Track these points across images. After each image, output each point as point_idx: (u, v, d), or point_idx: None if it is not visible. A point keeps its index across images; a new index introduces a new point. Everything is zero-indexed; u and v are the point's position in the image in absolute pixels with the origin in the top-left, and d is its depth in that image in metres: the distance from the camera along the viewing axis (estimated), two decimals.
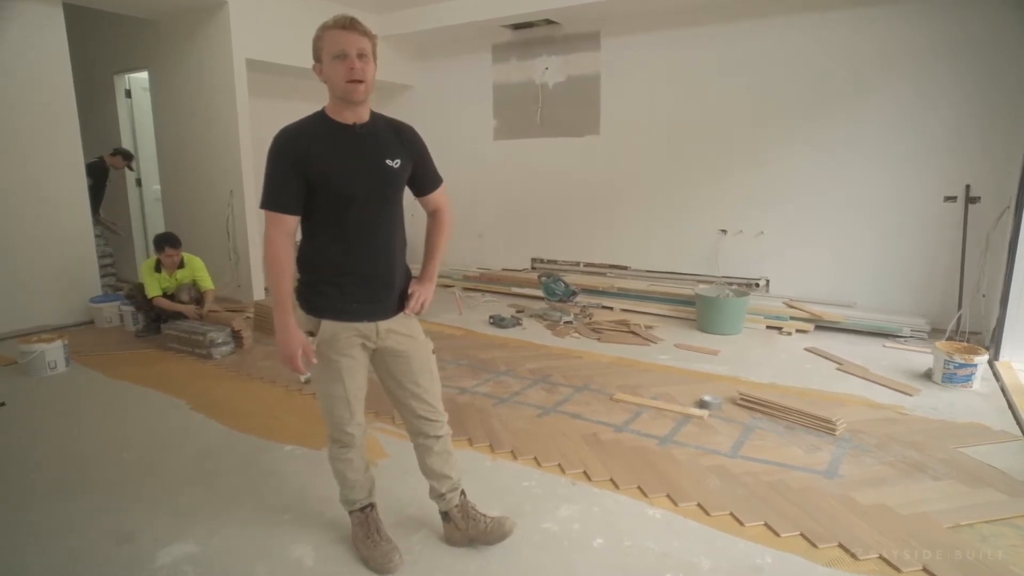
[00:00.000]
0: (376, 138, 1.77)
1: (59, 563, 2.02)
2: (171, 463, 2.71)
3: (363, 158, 1.73)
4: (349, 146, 1.72)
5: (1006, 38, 4.26)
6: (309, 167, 1.67)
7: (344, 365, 1.81)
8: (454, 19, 6.05)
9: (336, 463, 1.97)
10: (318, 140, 1.69)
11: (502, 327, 4.99)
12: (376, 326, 1.82)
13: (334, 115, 1.72)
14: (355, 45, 1.63)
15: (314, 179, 1.68)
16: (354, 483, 1.99)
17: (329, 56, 1.65)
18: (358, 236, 1.76)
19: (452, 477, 2.03)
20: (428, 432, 1.98)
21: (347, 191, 1.70)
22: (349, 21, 1.64)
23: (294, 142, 1.68)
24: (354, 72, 1.63)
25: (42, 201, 4.79)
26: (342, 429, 1.90)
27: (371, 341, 1.84)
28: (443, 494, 2.03)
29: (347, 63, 1.63)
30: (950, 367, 3.54)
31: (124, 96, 6.52)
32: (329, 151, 1.69)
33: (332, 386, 1.85)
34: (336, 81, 1.65)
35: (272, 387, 3.63)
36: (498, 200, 6.74)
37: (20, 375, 3.81)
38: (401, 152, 1.80)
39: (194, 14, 5.45)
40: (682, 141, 5.63)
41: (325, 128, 1.71)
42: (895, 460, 2.66)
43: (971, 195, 4.50)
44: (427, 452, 2.00)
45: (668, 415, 3.16)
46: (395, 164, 1.77)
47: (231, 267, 5.77)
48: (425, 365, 1.94)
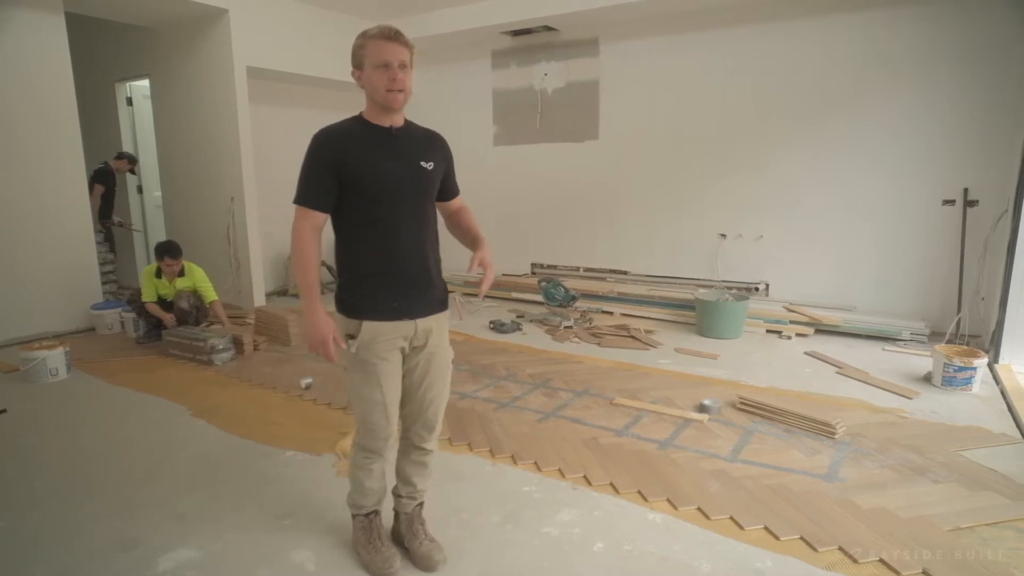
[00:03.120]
0: (411, 141, 1.84)
1: (61, 569, 2.02)
2: (172, 469, 2.71)
3: (399, 160, 1.78)
4: (386, 148, 1.78)
5: (1006, 43, 4.28)
6: (345, 167, 1.72)
7: (382, 369, 1.80)
8: (454, 26, 6.09)
9: (357, 471, 1.95)
10: (356, 141, 1.75)
11: (502, 332, 5.00)
12: (415, 325, 1.83)
13: (372, 119, 1.79)
14: (398, 56, 1.70)
15: (350, 179, 1.73)
16: (369, 491, 1.98)
17: (372, 65, 1.71)
18: (395, 235, 1.79)
19: (417, 487, 2.05)
20: (416, 443, 2.00)
21: (383, 191, 1.75)
22: (393, 32, 1.71)
23: (332, 142, 1.74)
24: (396, 82, 1.70)
25: (44, 208, 4.81)
26: (376, 436, 1.87)
27: (409, 341, 1.84)
28: (400, 496, 2.07)
29: (389, 73, 1.70)
30: (950, 370, 3.55)
31: (125, 104, 6.56)
32: (366, 152, 1.74)
33: (370, 391, 1.82)
34: (377, 88, 1.72)
35: (273, 393, 3.64)
36: (498, 205, 6.76)
37: (22, 382, 3.82)
38: (435, 156, 1.87)
39: (195, 22, 5.49)
40: (681, 146, 5.65)
41: (363, 130, 1.78)
42: (895, 463, 2.66)
43: (970, 199, 4.51)
44: (406, 457, 2.03)
45: (668, 419, 3.16)
46: (429, 166, 1.83)
47: (232, 274, 5.78)
48: (442, 371, 1.95)
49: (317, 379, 3.76)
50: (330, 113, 6.75)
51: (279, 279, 6.78)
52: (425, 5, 6.16)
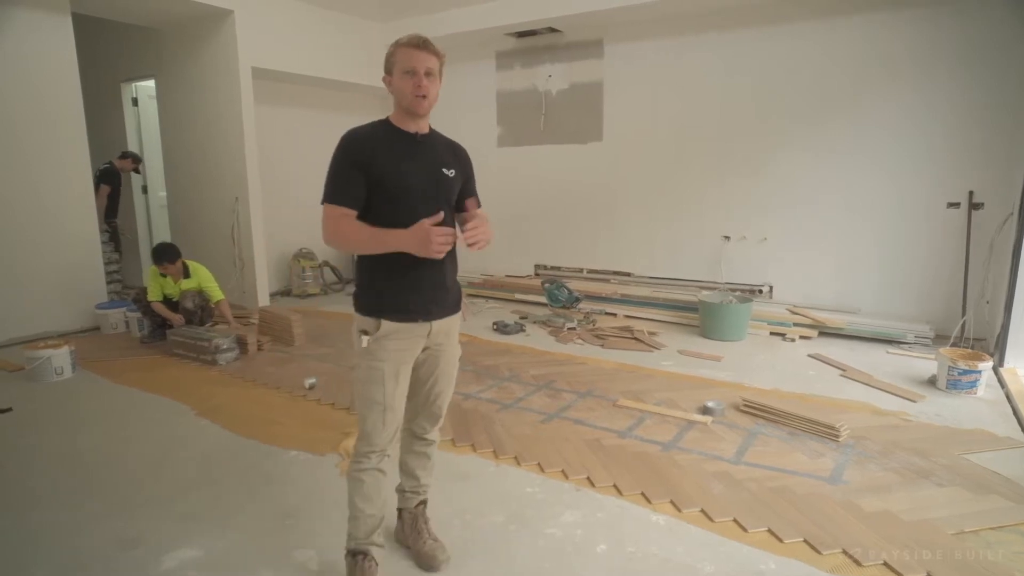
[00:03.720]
0: (434, 148, 1.88)
1: (65, 567, 2.03)
2: (176, 468, 2.72)
3: (422, 164, 1.82)
4: (410, 152, 1.82)
5: (1009, 44, 4.27)
6: (370, 168, 1.75)
7: (388, 370, 1.81)
8: (458, 27, 6.10)
9: (351, 482, 1.88)
10: (381, 144, 1.79)
11: (506, 333, 5.00)
12: (431, 326, 1.86)
13: (398, 123, 1.83)
14: (424, 64, 1.74)
15: (374, 180, 1.76)
16: (357, 512, 1.86)
17: (400, 71, 1.76)
18: None
19: (420, 481, 2.07)
20: (419, 434, 2.04)
21: (405, 193, 1.78)
22: (422, 41, 1.75)
23: (359, 143, 1.78)
24: (420, 88, 1.74)
25: (49, 208, 4.83)
26: (370, 440, 1.84)
27: (423, 341, 1.86)
28: (404, 491, 2.09)
29: (415, 80, 1.74)
30: (954, 373, 3.53)
31: (131, 104, 6.59)
32: (391, 155, 1.78)
33: (372, 389, 1.81)
34: (404, 93, 1.76)
35: (276, 393, 3.64)
36: (502, 207, 6.74)
37: (27, 381, 3.84)
38: (456, 165, 1.91)
39: (200, 23, 5.51)
40: (685, 147, 5.65)
41: (389, 134, 1.82)
42: (899, 466, 2.65)
43: (975, 201, 4.50)
44: (409, 449, 2.06)
45: (671, 421, 3.16)
46: (451, 173, 1.87)
47: (236, 273, 5.80)
48: (449, 369, 1.98)
49: (320, 379, 3.77)
50: (334, 114, 6.81)
51: (283, 279, 6.80)
52: (429, 6, 6.17)
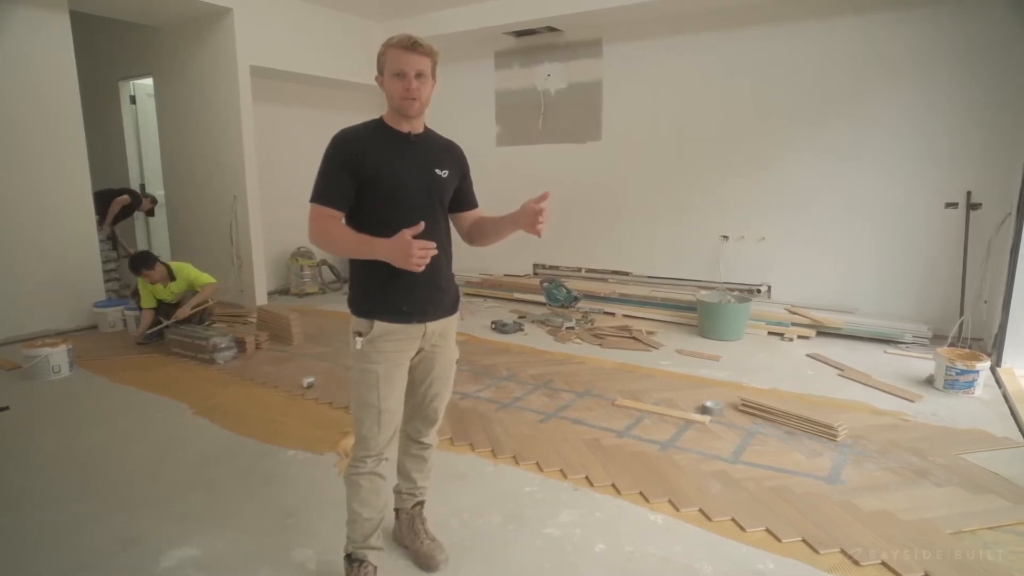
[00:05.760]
0: (428, 148, 1.86)
1: (64, 566, 2.03)
2: (174, 467, 2.72)
3: (414, 164, 1.80)
4: (402, 152, 1.80)
5: (1009, 44, 4.27)
6: (362, 168, 1.74)
7: (382, 372, 1.79)
8: (457, 26, 6.09)
9: (348, 486, 1.85)
10: (373, 144, 1.77)
11: (504, 332, 5.00)
12: (425, 328, 1.84)
13: (391, 123, 1.81)
14: (414, 66, 1.72)
15: (366, 180, 1.74)
16: (354, 515, 1.84)
17: (390, 73, 1.74)
18: None
19: (417, 484, 2.07)
20: (415, 438, 2.03)
21: (397, 193, 1.77)
22: (412, 42, 1.72)
23: (350, 144, 1.76)
24: (410, 92, 1.73)
25: (47, 206, 4.82)
26: (365, 445, 1.82)
27: (417, 343, 1.84)
28: (401, 492, 2.09)
29: (405, 82, 1.72)
30: (952, 373, 3.54)
31: (129, 102, 6.57)
32: (383, 155, 1.76)
33: (366, 392, 1.79)
34: (394, 95, 1.75)
35: (274, 392, 3.64)
36: (500, 206, 6.61)
37: (24, 379, 3.83)
38: (450, 165, 1.89)
39: (199, 21, 5.50)
40: (683, 147, 5.65)
41: (381, 133, 1.80)
42: (897, 466, 2.66)
43: (972, 201, 4.51)
44: (406, 452, 2.06)
45: (670, 420, 3.16)
46: (444, 174, 1.85)
47: (234, 272, 5.79)
48: (445, 369, 1.96)
49: (319, 378, 3.76)
50: (333, 113, 6.80)
51: (281, 278, 6.79)
52: (428, 5, 6.16)
